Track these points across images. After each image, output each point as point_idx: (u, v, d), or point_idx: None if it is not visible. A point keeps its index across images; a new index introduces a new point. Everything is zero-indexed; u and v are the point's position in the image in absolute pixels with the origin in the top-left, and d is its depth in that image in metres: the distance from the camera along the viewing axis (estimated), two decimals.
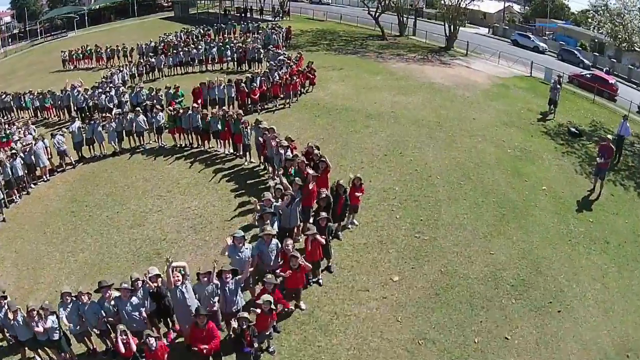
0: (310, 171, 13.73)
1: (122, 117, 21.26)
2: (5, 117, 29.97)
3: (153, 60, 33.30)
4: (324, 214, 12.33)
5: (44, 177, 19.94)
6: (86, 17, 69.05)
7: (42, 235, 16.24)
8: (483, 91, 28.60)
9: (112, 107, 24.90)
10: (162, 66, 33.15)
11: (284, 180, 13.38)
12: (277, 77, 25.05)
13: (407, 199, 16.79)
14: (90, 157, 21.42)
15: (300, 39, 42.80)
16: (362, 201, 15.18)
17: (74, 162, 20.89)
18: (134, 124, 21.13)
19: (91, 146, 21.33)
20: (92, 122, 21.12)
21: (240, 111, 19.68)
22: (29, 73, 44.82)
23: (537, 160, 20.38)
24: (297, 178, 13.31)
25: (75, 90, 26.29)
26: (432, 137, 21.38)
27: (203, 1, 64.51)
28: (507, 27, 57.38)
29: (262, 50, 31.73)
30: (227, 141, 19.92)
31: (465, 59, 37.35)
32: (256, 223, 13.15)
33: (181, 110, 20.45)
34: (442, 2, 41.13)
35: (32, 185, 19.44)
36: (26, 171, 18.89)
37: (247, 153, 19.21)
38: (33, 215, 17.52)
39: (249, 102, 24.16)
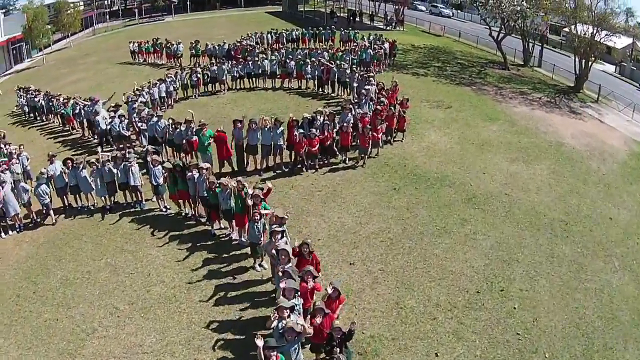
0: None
1: (111, 166, 16.64)
2: (38, 119, 27.99)
3: (214, 68, 28.61)
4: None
5: (17, 226, 16.84)
6: (188, 2, 68.35)
7: None
8: (620, 164, 22.69)
9: (128, 135, 20.60)
10: (224, 77, 28.37)
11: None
12: (352, 120, 19.19)
13: None
14: (78, 207, 17.73)
15: (409, 56, 37.55)
16: None
17: (54, 221, 16.99)
18: (130, 175, 16.46)
19: (77, 195, 17.55)
20: (75, 166, 16.74)
21: (267, 186, 13.80)
22: (98, 61, 43.16)
23: None
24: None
25: (98, 106, 22.19)
26: (552, 256, 14.61)
27: (315, 0, 61.60)
28: (634, 68, 47.94)
29: (347, 72, 25.76)
30: (242, 228, 14.33)
31: (597, 107, 31.45)
32: None
33: (187, 167, 15.31)
34: (572, 31, 33.40)
35: (3, 235, 16.57)
36: None
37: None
38: None
39: (304, 155, 18.43)
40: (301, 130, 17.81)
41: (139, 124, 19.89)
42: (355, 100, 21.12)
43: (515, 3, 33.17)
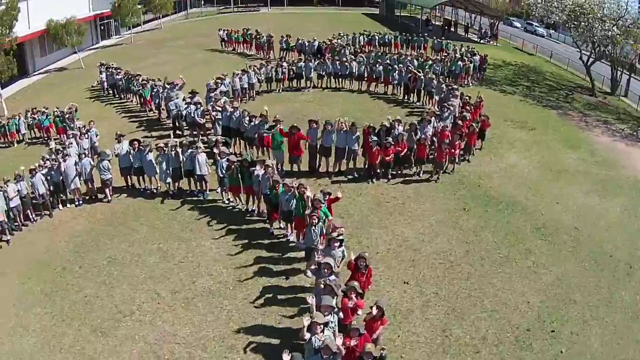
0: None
1: (180, 152, 17.32)
2: (117, 97, 29.63)
3: (301, 64, 29.14)
4: None
5: (76, 200, 17.93)
6: None
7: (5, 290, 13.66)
8: None
9: (202, 123, 21.37)
10: (310, 74, 28.83)
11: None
12: (431, 132, 19.12)
13: None
14: (140, 189, 18.60)
15: (499, 72, 37.19)
16: None
17: (110, 199, 17.95)
18: (195, 163, 17.07)
19: (141, 177, 18.40)
20: (141, 148, 17.55)
21: (337, 194, 13.92)
22: (185, 45, 45.02)
23: None
24: None
25: (175, 91, 23.16)
26: (610, 301, 13.65)
27: (413, 6, 61.73)
28: None
29: (434, 82, 25.55)
30: (301, 232, 14.33)
31: None
32: None
33: (253, 162, 15.72)
34: None
35: (60, 207, 17.73)
36: (50, 190, 17.28)
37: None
38: (27, 254, 15.29)
39: (377, 164, 18.38)
40: (375, 139, 17.71)
41: (214, 113, 20.51)
42: (437, 113, 21.01)
43: (607, 28, 32.34)
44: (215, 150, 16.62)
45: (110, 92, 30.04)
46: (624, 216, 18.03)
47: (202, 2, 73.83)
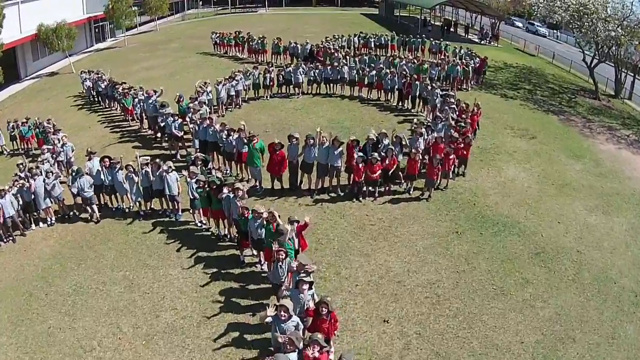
0: None
1: (150, 170, 16.08)
2: (102, 104, 28.62)
3: (290, 69, 27.79)
4: None
5: (48, 219, 16.96)
6: None
7: None
8: None
9: (180, 135, 20.18)
10: (299, 79, 27.52)
11: None
12: (422, 145, 17.77)
13: None
14: (113, 208, 17.53)
15: (500, 75, 35.64)
16: None
17: (98, 218, 16.87)
18: (165, 183, 15.84)
19: (113, 195, 17.29)
20: (111, 165, 16.38)
21: (305, 220, 12.53)
22: (179, 48, 43.94)
23: None
24: None
25: (152, 100, 21.95)
26: (613, 337, 12.21)
27: (412, 6, 60.29)
28: None
29: (430, 87, 23.91)
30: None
31: None
32: None
33: (222, 184, 14.44)
34: None
35: (33, 227, 16.87)
36: (22, 209, 16.45)
37: None
38: None
39: (362, 181, 16.86)
40: (361, 154, 16.34)
41: (191, 125, 19.31)
42: (429, 123, 19.50)
43: (610, 28, 31.02)
44: (185, 172, 15.46)
45: (96, 99, 28.89)
46: (630, 235, 16.63)
47: (200, 3, 72.68)
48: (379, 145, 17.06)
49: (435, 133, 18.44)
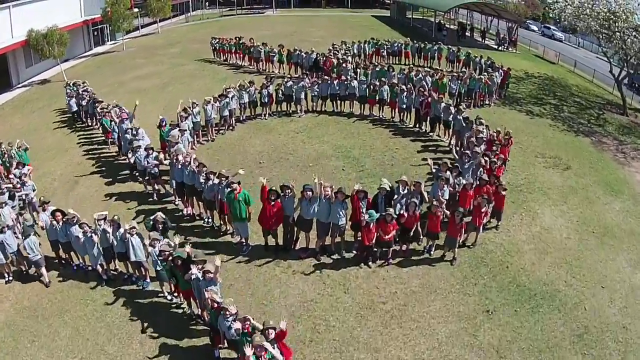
0: None
1: (110, 230, 12.71)
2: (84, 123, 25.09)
3: (290, 83, 23.81)
4: None
5: (6, 275, 13.86)
6: None
7: None
8: None
9: (156, 173, 16.71)
10: (301, 95, 23.80)
11: None
12: (447, 195, 14.03)
13: None
14: (74, 265, 14.19)
15: (523, 87, 31.76)
16: None
17: (48, 283, 13.59)
18: (129, 246, 12.40)
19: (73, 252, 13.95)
20: (66, 222, 13.05)
21: (280, 327, 9.04)
22: (178, 53, 40.53)
23: None
24: None
25: (125, 126, 18.59)
26: None
27: (425, 9, 56.69)
28: None
29: (451, 109, 20.21)
30: None
31: None
32: None
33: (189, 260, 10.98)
34: None
35: None
36: None
37: None
38: None
39: (372, 244, 13.14)
40: (372, 213, 12.63)
41: (166, 162, 15.82)
42: (453, 164, 15.40)
43: None
44: (146, 242, 12.00)
45: (79, 115, 25.25)
46: None
47: (207, 4, 69.15)
48: (394, 197, 13.41)
49: (461, 177, 14.77)
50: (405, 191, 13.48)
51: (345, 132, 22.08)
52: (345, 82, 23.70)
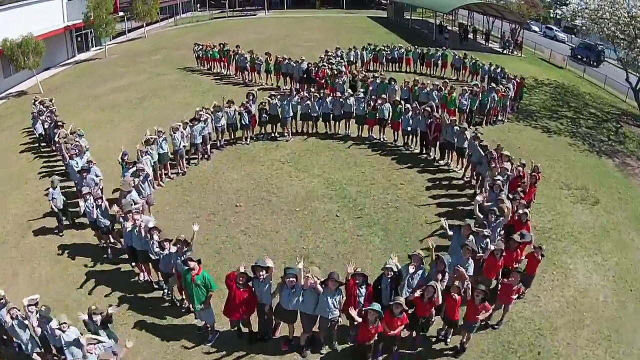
0: None
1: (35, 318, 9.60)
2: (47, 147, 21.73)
3: (276, 102, 20.16)
4: None
5: None
6: None
7: None
8: None
9: (108, 226, 13.36)
10: (288, 116, 20.29)
11: None
12: (471, 269, 10.40)
13: None
14: (15, 345, 10.58)
15: (535, 97, 28.83)
16: None
17: None
18: (61, 340, 9.20)
19: None
20: None
21: None
22: (161, 60, 37.45)
23: None
24: None
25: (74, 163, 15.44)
26: None
27: (424, 9, 53.81)
28: None
29: (467, 134, 16.89)
30: None
31: None
32: None
33: None
34: None
35: None
36: None
37: None
38: None
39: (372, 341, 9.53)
40: (377, 306, 9.12)
41: (118, 216, 12.36)
42: (476, 228, 11.45)
43: None
44: (83, 341, 8.71)
45: (42, 138, 21.87)
46: None
47: (197, 6, 65.70)
48: (403, 279, 9.97)
49: (488, 241, 11.24)
50: (421, 271, 10.00)
51: (340, 161, 18.73)
52: (341, 99, 20.23)
